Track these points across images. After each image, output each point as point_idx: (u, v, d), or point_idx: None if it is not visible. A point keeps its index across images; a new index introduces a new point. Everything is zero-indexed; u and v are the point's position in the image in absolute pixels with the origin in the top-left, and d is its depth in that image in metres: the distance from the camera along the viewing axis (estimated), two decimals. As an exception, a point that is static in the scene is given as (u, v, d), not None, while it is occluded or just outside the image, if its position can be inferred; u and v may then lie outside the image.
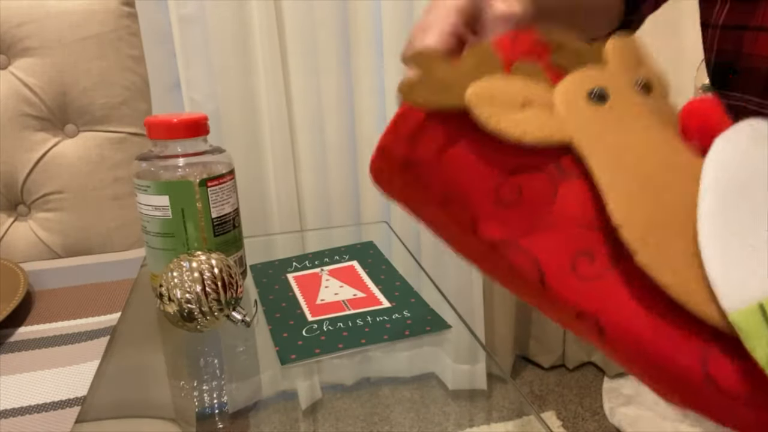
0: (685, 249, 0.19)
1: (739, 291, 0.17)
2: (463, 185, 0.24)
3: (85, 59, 0.81)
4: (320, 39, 1.36)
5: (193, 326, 0.45)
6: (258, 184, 1.40)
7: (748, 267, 0.18)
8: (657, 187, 0.21)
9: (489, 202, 0.23)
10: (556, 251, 0.21)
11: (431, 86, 0.25)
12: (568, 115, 0.23)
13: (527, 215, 0.22)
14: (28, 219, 0.83)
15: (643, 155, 0.22)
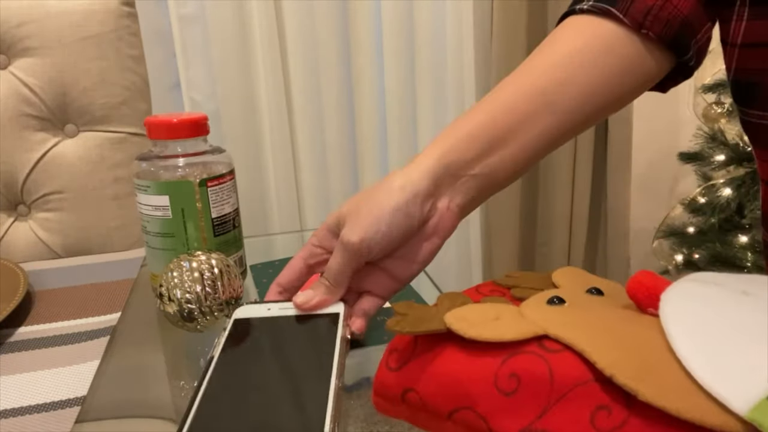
0: (677, 378, 0.21)
1: (743, 394, 0.19)
2: (463, 392, 0.26)
3: (85, 59, 0.81)
4: (320, 39, 1.36)
5: (193, 326, 0.45)
6: (258, 184, 1.40)
7: (741, 373, 0.20)
8: (628, 337, 0.24)
9: (493, 398, 0.25)
10: (574, 418, 0.22)
11: (413, 321, 0.29)
12: (537, 315, 0.27)
13: (533, 397, 0.24)
14: (28, 219, 0.83)
15: (607, 319, 0.26)
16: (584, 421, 0.22)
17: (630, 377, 0.21)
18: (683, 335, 0.23)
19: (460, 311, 0.28)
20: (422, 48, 1.40)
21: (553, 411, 0.23)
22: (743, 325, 0.23)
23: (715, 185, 1.41)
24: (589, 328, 0.25)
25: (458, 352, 0.27)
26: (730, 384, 0.20)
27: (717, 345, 0.22)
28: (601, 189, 1.62)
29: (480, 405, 0.25)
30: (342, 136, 1.44)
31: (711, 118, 1.41)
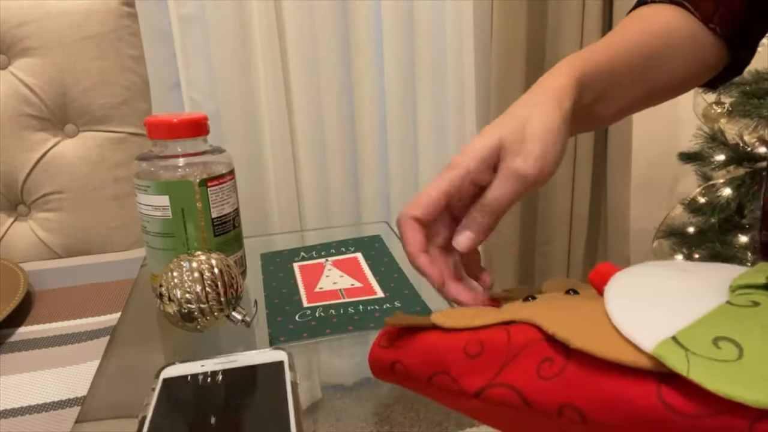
0: (604, 331, 0.25)
1: (651, 336, 0.23)
2: (439, 359, 0.30)
3: (85, 59, 0.81)
4: (320, 39, 1.36)
5: (193, 326, 0.45)
6: (258, 184, 1.40)
7: (655, 321, 0.24)
8: (576, 311, 0.28)
9: (462, 361, 0.29)
10: (524, 370, 0.27)
11: (406, 320, 0.33)
12: (510, 308, 0.31)
13: (494, 358, 0.28)
14: (28, 219, 0.83)
15: (565, 303, 0.31)
16: (531, 371, 0.26)
17: (566, 333, 0.26)
18: (615, 298, 0.27)
19: (447, 310, 0.33)
20: (422, 48, 1.40)
21: (509, 367, 0.27)
22: (672, 291, 0.27)
23: (715, 185, 1.41)
24: (545, 308, 0.30)
25: (437, 333, 0.32)
26: (643, 328, 0.24)
27: (642, 303, 0.26)
28: (601, 189, 1.62)
29: (453, 369, 0.29)
30: (342, 136, 1.44)
31: (711, 118, 1.41)
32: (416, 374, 0.32)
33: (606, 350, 0.24)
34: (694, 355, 0.22)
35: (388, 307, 0.52)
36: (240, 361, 0.40)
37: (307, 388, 0.45)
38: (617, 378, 0.23)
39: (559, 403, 0.25)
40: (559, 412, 0.25)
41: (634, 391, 0.23)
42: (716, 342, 0.22)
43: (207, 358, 0.40)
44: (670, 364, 0.22)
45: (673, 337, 0.23)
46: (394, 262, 0.62)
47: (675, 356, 0.22)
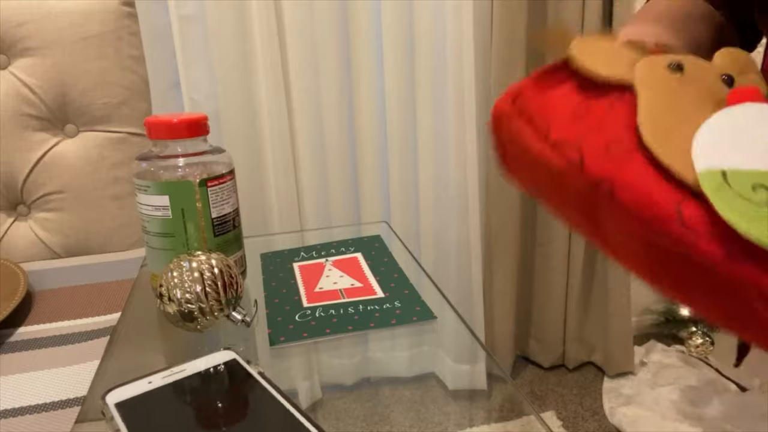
0: (682, 140, 0.26)
1: (710, 162, 0.25)
2: (550, 110, 0.32)
3: (85, 59, 0.81)
4: (320, 39, 1.36)
5: (193, 326, 0.45)
6: (258, 184, 1.40)
7: (721, 151, 0.25)
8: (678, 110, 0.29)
9: (566, 116, 0.32)
10: (598, 141, 0.29)
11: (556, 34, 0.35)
12: (642, 68, 0.31)
13: (587, 124, 0.30)
14: (28, 219, 0.83)
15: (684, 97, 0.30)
16: (601, 145, 0.29)
17: (648, 129, 0.27)
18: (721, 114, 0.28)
19: (589, 40, 0.34)
20: (422, 48, 1.40)
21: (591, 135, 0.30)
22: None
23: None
24: (662, 95, 0.30)
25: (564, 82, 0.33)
26: (708, 151, 0.25)
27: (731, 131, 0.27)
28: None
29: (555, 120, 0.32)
30: (342, 136, 1.44)
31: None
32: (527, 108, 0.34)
33: (666, 155, 0.26)
34: (729, 187, 0.23)
35: (388, 307, 0.52)
36: (189, 370, 0.39)
37: (307, 388, 0.45)
38: (659, 180, 0.25)
39: (601, 177, 0.27)
40: (597, 184, 0.28)
41: (663, 192, 0.25)
42: (755, 187, 0.23)
43: (151, 374, 0.38)
44: (702, 185, 0.23)
45: (724, 171, 0.24)
46: (394, 262, 0.62)
47: (712, 182, 0.23)
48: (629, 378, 1.72)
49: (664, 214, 0.25)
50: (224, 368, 0.39)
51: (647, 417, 1.53)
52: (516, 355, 1.80)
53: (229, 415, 0.35)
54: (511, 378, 1.42)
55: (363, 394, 0.43)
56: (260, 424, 0.34)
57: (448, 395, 0.48)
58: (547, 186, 0.33)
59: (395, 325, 0.50)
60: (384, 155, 1.49)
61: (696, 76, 0.32)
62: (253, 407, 0.35)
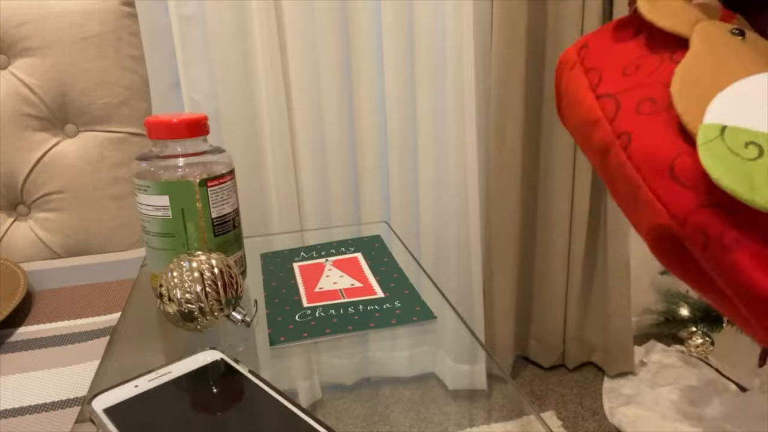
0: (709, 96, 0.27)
1: (716, 117, 0.25)
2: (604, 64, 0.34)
3: (85, 59, 0.81)
4: (320, 39, 1.36)
5: (193, 326, 0.45)
6: (258, 184, 1.40)
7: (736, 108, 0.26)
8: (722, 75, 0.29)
9: (617, 73, 0.33)
10: (634, 97, 0.30)
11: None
12: (705, 27, 0.32)
13: (633, 80, 0.31)
14: (28, 219, 0.83)
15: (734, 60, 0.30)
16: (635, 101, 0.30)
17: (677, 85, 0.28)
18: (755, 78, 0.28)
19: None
20: (422, 48, 1.40)
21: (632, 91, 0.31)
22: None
23: (715, 185, 1.41)
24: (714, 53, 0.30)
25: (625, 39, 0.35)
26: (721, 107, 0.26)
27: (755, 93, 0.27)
28: (601, 189, 1.62)
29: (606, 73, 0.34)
30: (342, 137, 1.44)
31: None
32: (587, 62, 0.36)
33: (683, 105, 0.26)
34: (722, 141, 0.24)
35: (388, 307, 0.52)
36: (176, 371, 0.39)
37: (307, 388, 0.45)
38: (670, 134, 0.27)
39: (623, 130, 0.29)
40: (619, 135, 0.29)
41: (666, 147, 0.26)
42: (747, 144, 0.24)
43: (136, 377, 0.38)
44: (698, 136, 0.24)
45: (724, 126, 0.25)
46: (394, 262, 0.62)
47: (708, 134, 0.24)
48: (629, 378, 1.72)
49: (659, 168, 0.26)
50: (213, 368, 0.39)
51: (647, 417, 1.53)
52: (516, 355, 1.80)
53: (227, 416, 0.35)
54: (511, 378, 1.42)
55: (363, 394, 0.43)
56: (259, 422, 0.34)
57: (448, 395, 0.48)
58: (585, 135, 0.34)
59: (395, 325, 0.50)
60: (384, 155, 1.49)
61: (756, 44, 0.32)
62: (251, 406, 0.35)
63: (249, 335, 0.49)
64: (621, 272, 1.66)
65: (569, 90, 0.37)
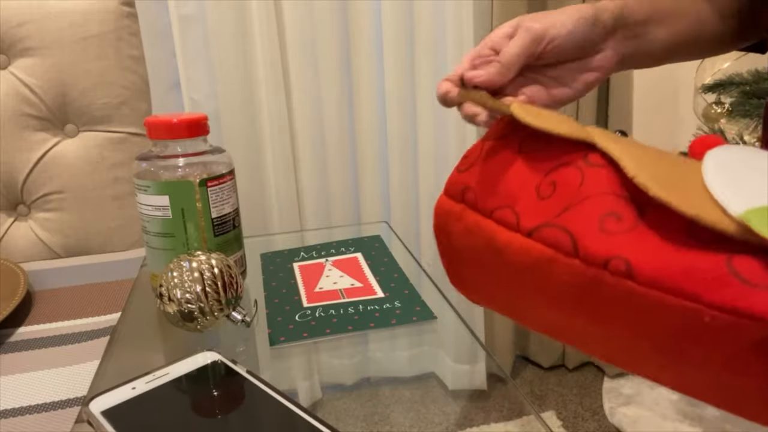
0: (693, 188, 0.23)
1: (745, 201, 0.21)
2: (509, 192, 0.29)
3: (85, 59, 0.81)
4: (320, 39, 1.36)
5: (193, 326, 0.45)
6: (258, 184, 1.40)
7: (749, 190, 0.21)
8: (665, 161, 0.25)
9: (531, 199, 0.28)
10: (585, 218, 0.25)
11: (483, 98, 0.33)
12: (596, 131, 0.29)
13: (560, 201, 0.26)
14: (28, 219, 0.83)
15: (655, 151, 0.27)
16: (594, 221, 0.24)
17: (647, 179, 0.23)
18: (714, 159, 0.25)
19: (529, 106, 0.31)
20: (422, 48, 1.40)
21: (572, 210, 0.26)
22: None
23: (715, 185, 1.41)
24: (634, 149, 0.27)
25: (514, 160, 0.30)
26: (736, 194, 0.21)
27: (744, 171, 0.24)
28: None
29: (519, 204, 0.28)
30: (342, 137, 1.44)
31: (711, 118, 1.41)
32: (482, 204, 0.30)
33: (687, 205, 0.21)
34: None
35: (388, 307, 0.52)
36: (174, 373, 0.39)
37: (307, 388, 0.45)
38: (686, 243, 0.21)
39: (609, 255, 0.23)
40: (606, 263, 0.23)
41: (702, 257, 0.21)
42: None
43: (133, 380, 0.38)
44: (757, 227, 0.20)
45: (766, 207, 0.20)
46: (394, 262, 0.62)
47: (763, 219, 0.20)
48: (629, 378, 1.72)
49: (714, 277, 0.20)
50: (211, 369, 0.39)
51: (647, 417, 1.53)
52: (516, 355, 1.80)
53: (226, 416, 0.35)
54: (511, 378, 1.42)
55: (363, 394, 0.43)
56: (258, 422, 0.34)
57: (448, 395, 0.48)
58: (521, 283, 0.28)
59: (395, 325, 0.50)
60: (384, 155, 1.49)
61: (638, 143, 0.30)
62: (250, 406, 0.35)
63: (249, 335, 0.49)
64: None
65: (473, 245, 0.31)
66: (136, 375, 0.38)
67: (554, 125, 0.28)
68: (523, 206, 0.28)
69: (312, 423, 0.32)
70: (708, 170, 0.24)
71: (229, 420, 0.34)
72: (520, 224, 0.28)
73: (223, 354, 0.40)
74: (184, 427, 0.34)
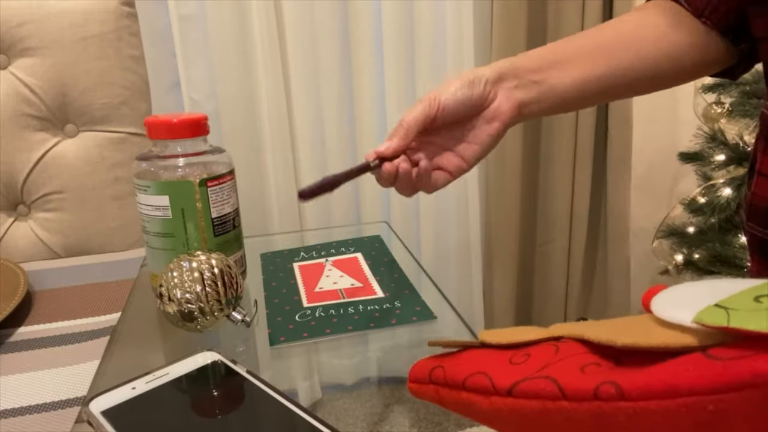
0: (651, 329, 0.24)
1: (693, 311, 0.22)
2: (481, 363, 0.30)
3: (85, 59, 0.81)
4: (320, 39, 1.36)
5: (193, 326, 0.45)
6: (258, 184, 1.40)
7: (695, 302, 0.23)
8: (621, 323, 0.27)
9: (504, 366, 0.28)
10: (567, 368, 0.26)
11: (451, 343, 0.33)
12: (558, 327, 0.30)
13: (537, 364, 0.27)
14: (28, 219, 0.83)
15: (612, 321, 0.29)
16: (575, 369, 0.25)
17: (612, 336, 0.25)
18: (659, 296, 0.27)
19: (494, 330, 0.32)
20: (422, 48, 1.40)
21: (552, 366, 0.26)
22: (714, 289, 0.25)
23: (715, 185, 1.41)
24: (593, 326, 0.29)
25: (485, 348, 0.31)
26: (684, 308, 0.23)
27: (685, 295, 0.26)
28: (601, 189, 1.62)
29: (491, 370, 0.28)
30: (342, 137, 1.44)
31: (711, 118, 1.41)
32: (453, 377, 0.31)
33: (652, 340, 0.23)
34: (735, 310, 0.21)
35: (388, 307, 0.52)
36: (174, 373, 0.39)
37: (307, 388, 0.45)
38: (664, 362, 0.23)
39: (596, 383, 0.23)
40: (595, 392, 0.23)
41: (681, 361, 0.22)
42: (758, 298, 0.22)
43: (132, 380, 0.38)
44: (710, 322, 0.21)
45: (715, 304, 0.22)
46: (394, 262, 0.62)
47: (715, 315, 0.21)
48: (629, 378, 1.72)
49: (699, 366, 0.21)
50: (211, 369, 0.39)
51: (647, 417, 1.53)
52: (516, 355, 1.80)
53: (226, 416, 0.35)
54: (511, 378, 1.41)
55: (363, 394, 0.43)
56: (258, 422, 0.34)
57: (448, 395, 0.48)
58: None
59: (395, 325, 0.50)
60: (384, 155, 1.48)
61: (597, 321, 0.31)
62: (250, 406, 0.35)
63: (249, 335, 0.49)
64: (621, 272, 1.66)
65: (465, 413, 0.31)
66: (136, 375, 0.38)
67: (522, 336, 0.30)
68: (496, 371, 0.28)
69: (312, 423, 0.32)
70: (655, 303, 0.26)
71: (229, 420, 0.34)
72: (495, 386, 0.28)
73: (223, 354, 0.40)
74: (184, 427, 0.34)
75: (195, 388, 0.38)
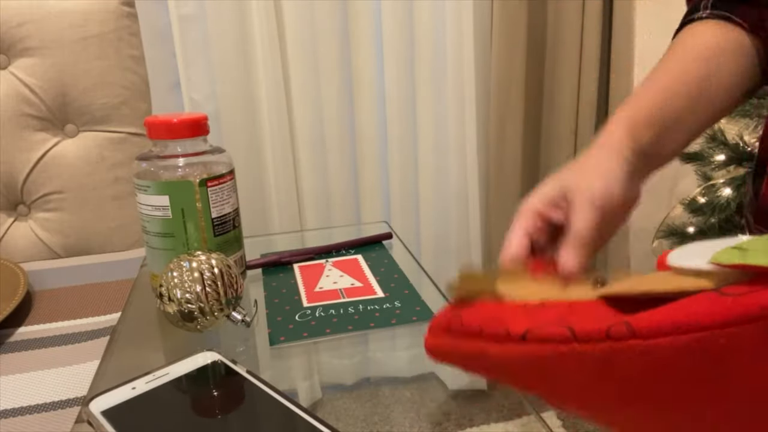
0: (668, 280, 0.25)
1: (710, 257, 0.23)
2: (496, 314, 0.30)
3: (85, 59, 0.81)
4: (320, 39, 1.36)
5: (193, 326, 0.45)
6: (258, 184, 1.40)
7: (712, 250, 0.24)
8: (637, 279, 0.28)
9: (519, 313, 0.29)
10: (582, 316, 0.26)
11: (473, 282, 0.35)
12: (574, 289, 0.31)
13: (551, 314, 0.28)
14: (28, 219, 0.83)
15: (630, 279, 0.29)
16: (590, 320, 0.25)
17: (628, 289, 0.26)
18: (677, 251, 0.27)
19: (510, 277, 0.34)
20: (422, 48, 1.40)
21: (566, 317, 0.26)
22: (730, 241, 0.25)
23: (715, 185, 1.41)
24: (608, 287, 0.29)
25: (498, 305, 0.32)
26: (702, 258, 0.24)
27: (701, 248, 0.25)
28: (601, 189, 1.62)
29: (507, 317, 0.29)
30: (342, 136, 1.44)
31: (711, 118, 1.41)
32: (469, 326, 0.31)
33: (668, 286, 0.23)
34: (751, 250, 0.22)
35: (388, 307, 0.52)
36: (174, 373, 0.39)
37: (307, 388, 0.45)
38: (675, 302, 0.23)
39: (608, 324, 0.23)
40: (608, 332, 0.23)
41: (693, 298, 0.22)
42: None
43: (132, 380, 0.38)
44: (726, 260, 0.22)
45: (732, 246, 0.23)
46: (394, 262, 0.62)
47: (732, 255, 0.22)
48: (629, 378, 1.72)
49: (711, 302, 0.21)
50: (211, 369, 0.39)
51: (647, 417, 1.53)
52: (516, 355, 1.80)
53: (226, 416, 0.35)
54: (511, 378, 1.41)
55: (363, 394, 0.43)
56: (258, 422, 0.34)
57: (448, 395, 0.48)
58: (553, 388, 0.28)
59: (395, 325, 0.50)
60: (384, 155, 1.49)
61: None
62: (250, 406, 0.35)
63: (249, 335, 0.49)
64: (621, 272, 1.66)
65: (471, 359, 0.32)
66: (136, 375, 0.38)
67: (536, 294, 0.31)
68: (511, 318, 0.28)
69: (312, 423, 0.32)
70: (671, 256, 0.27)
71: (229, 420, 0.34)
72: (510, 332, 0.28)
73: (223, 354, 0.40)
74: (184, 427, 0.34)
75: (195, 388, 0.38)
